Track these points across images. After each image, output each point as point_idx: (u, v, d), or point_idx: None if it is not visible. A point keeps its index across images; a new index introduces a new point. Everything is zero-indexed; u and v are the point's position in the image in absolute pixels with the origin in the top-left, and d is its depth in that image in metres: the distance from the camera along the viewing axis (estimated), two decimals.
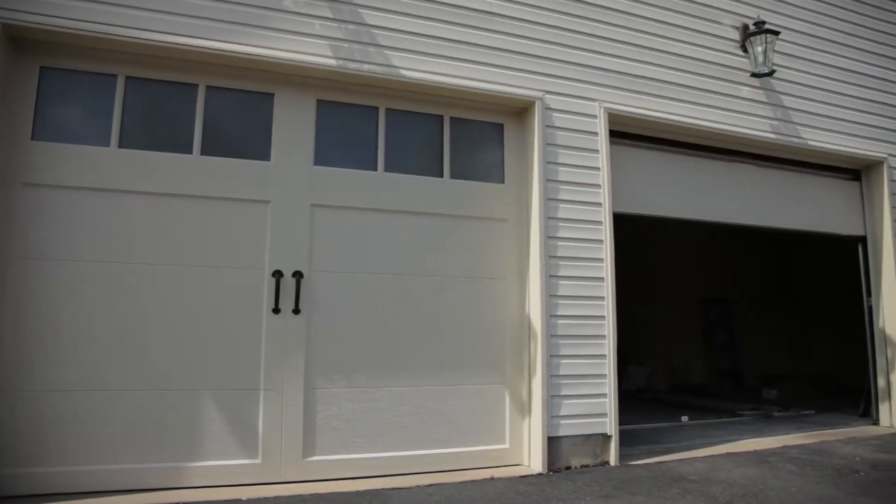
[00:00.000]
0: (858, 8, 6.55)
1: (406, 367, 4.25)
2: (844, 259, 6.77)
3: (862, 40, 6.51)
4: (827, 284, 8.68)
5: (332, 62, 4.07)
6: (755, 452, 4.92)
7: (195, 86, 3.97)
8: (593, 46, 4.93)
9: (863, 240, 6.45)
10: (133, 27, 3.69)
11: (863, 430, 6.01)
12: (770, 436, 5.66)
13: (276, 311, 3.95)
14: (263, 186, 4.03)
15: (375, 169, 4.34)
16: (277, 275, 3.96)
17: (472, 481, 3.99)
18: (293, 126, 4.15)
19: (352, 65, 4.12)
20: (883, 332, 6.25)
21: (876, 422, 6.27)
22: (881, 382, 6.25)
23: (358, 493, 3.70)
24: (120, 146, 3.79)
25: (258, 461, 3.83)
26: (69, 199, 3.67)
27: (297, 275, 4.00)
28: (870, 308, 6.39)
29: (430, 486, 3.87)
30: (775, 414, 7.02)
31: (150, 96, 3.91)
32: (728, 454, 4.86)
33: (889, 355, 6.20)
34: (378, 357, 4.19)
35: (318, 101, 4.24)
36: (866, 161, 6.39)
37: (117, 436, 3.60)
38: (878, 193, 6.41)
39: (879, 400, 6.26)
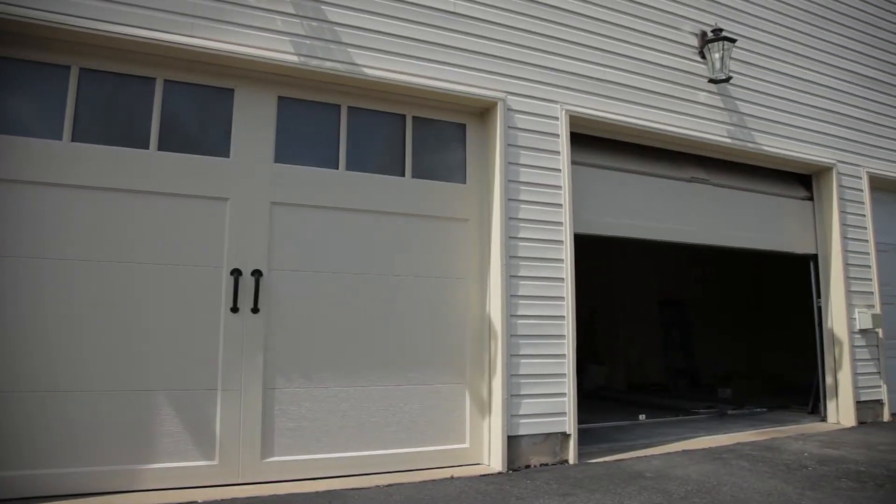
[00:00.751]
0: (811, 20, 6.76)
1: (367, 366, 4.23)
2: (797, 265, 6.97)
3: (814, 50, 6.73)
4: (780, 287, 8.93)
5: (294, 59, 4.03)
6: (710, 449, 5.03)
7: (153, 79, 3.88)
8: (556, 49, 4.98)
9: (814, 257, 6.66)
10: (88, 17, 3.58)
11: (811, 426, 6.20)
12: (724, 433, 5.80)
13: (235, 310, 3.88)
14: (222, 183, 3.96)
15: (337, 167, 4.30)
16: (236, 273, 3.90)
17: (433, 481, 3.99)
18: (254, 122, 4.09)
19: (314, 62, 4.08)
20: (831, 332, 6.47)
21: (824, 418, 6.48)
22: (829, 380, 6.46)
23: (317, 493, 3.67)
24: (73, 139, 3.67)
25: (215, 463, 3.76)
26: (17, 194, 3.54)
27: (257, 273, 3.95)
28: (819, 309, 6.59)
29: (389, 486, 3.86)
30: (729, 412, 7.20)
31: (105, 89, 3.80)
32: (684, 451, 4.96)
33: (836, 355, 6.41)
34: (339, 357, 4.16)
35: (280, 97, 4.19)
36: (818, 166, 6.60)
37: (67, 438, 3.49)
38: (828, 201, 6.61)
39: (827, 397, 6.48)
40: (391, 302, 4.35)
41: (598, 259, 5.29)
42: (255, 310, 3.93)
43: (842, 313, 6.39)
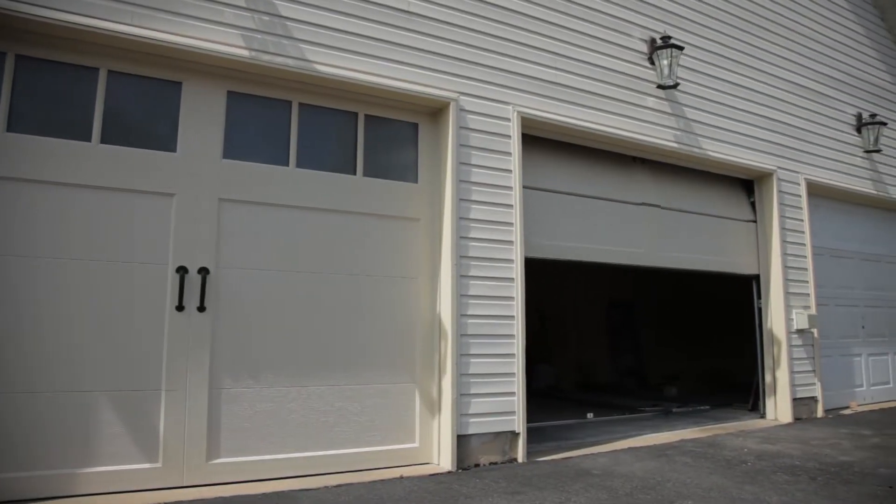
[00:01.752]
0: (753, 30, 7.00)
1: (316, 366, 4.19)
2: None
3: (756, 60, 6.97)
4: (725, 290, 9.18)
5: (245, 53, 3.95)
6: (655, 447, 5.15)
7: (96, 69, 3.75)
8: (509, 51, 5.02)
9: (757, 277, 6.88)
10: (23, 2, 3.42)
11: (751, 423, 6.41)
12: (669, 431, 5.94)
13: (180, 308, 3.79)
14: (168, 178, 3.86)
15: (287, 164, 4.25)
16: (182, 271, 3.81)
17: (382, 481, 3.98)
18: (202, 117, 4.00)
19: (265, 57, 4.01)
20: (770, 332, 6.70)
21: (763, 415, 6.71)
22: (768, 379, 6.69)
23: (265, 495, 3.61)
24: (8, 129, 3.52)
25: (159, 465, 3.66)
26: None
27: (203, 271, 3.86)
28: (759, 310, 6.83)
29: (339, 486, 3.83)
30: (674, 410, 7.38)
31: (44, 78, 3.66)
32: (630, 449, 5.07)
33: (775, 354, 6.65)
34: (288, 356, 4.11)
35: (229, 92, 4.10)
36: (759, 172, 6.83)
37: (0, 442, 3.35)
38: (769, 206, 6.85)
39: (766, 395, 6.71)
40: (341, 301, 4.32)
41: (550, 260, 5.35)
42: (201, 308, 3.84)
43: (780, 314, 6.64)
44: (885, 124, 8.13)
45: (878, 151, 8.11)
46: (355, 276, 4.39)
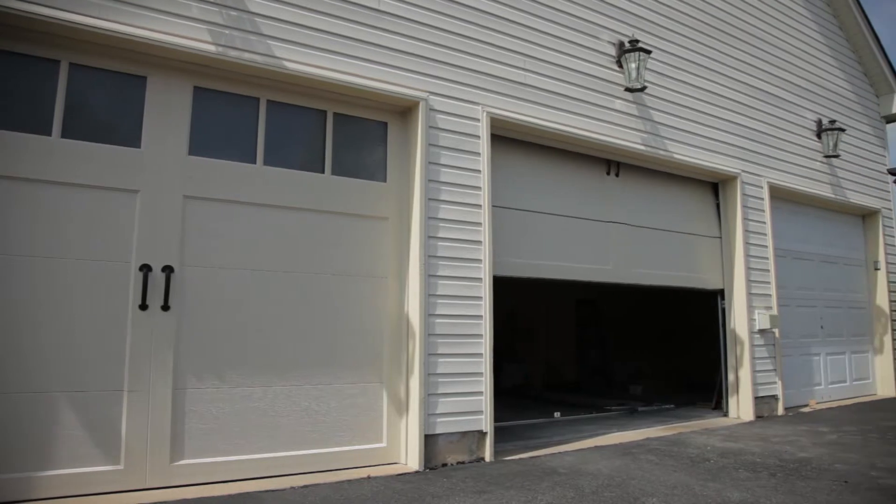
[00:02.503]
0: (719, 36, 7.14)
1: (283, 366, 4.15)
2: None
3: (721, 65, 7.11)
4: (690, 292, 9.34)
5: (212, 48, 3.90)
6: (620, 445, 5.22)
7: (57, 62, 3.65)
8: (479, 52, 5.04)
9: (721, 292, 7.00)
10: None
11: (715, 421, 6.53)
12: (634, 429, 6.02)
13: (144, 307, 3.72)
14: (132, 175, 3.78)
15: (255, 162, 4.20)
16: (146, 269, 3.74)
17: (349, 481, 3.96)
18: (167, 112, 3.93)
19: (232, 52, 3.96)
20: (734, 332, 6.84)
21: (726, 413, 6.84)
22: (731, 378, 6.83)
23: (230, 496, 3.57)
24: None
25: (120, 467, 3.59)
26: None
27: (168, 269, 3.80)
28: (723, 310, 6.96)
29: (305, 486, 3.80)
30: (640, 409, 7.48)
31: (1, 70, 3.56)
32: (596, 447, 5.12)
33: (738, 354, 6.78)
34: (254, 355, 4.06)
35: (196, 87, 4.04)
36: (724, 175, 6.96)
37: None
38: (733, 208, 6.99)
39: (729, 394, 6.84)
40: (308, 300, 4.29)
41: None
42: (165, 307, 3.78)
43: (743, 315, 6.78)
44: (843, 130, 8.37)
45: (836, 156, 8.34)
46: (322, 275, 4.36)
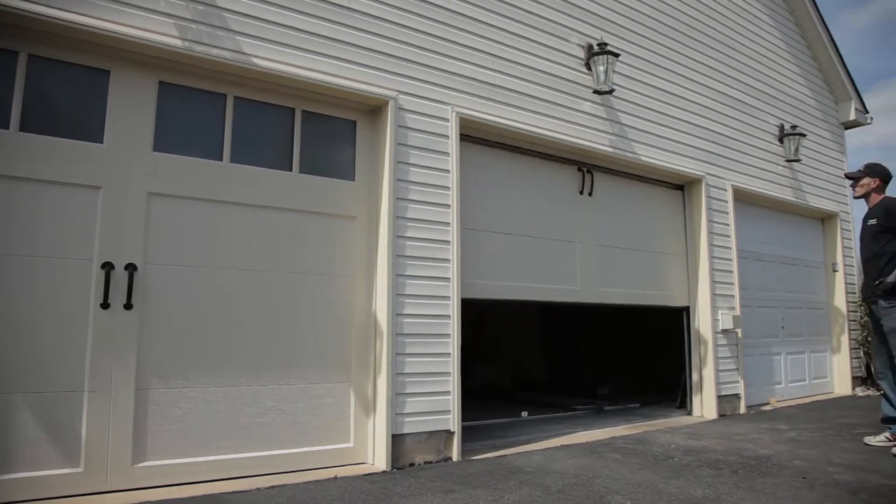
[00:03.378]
0: (685, 41, 7.26)
1: (250, 365, 4.10)
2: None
3: (688, 70, 7.23)
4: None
5: (178, 43, 3.83)
6: (587, 444, 5.27)
7: (15, 53, 3.55)
8: (449, 52, 5.05)
9: (687, 309, 7.10)
10: None
11: (679, 420, 6.64)
12: (600, 428, 6.09)
13: (106, 306, 3.64)
14: (94, 171, 3.70)
15: (221, 159, 4.14)
16: (107, 267, 3.65)
17: (316, 481, 3.93)
18: (131, 108, 3.85)
19: (199, 48, 3.90)
20: (698, 332, 6.96)
21: (690, 412, 6.96)
22: (695, 377, 6.95)
23: (193, 498, 3.52)
24: None
25: (80, 470, 3.50)
26: None
27: (131, 267, 3.72)
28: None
29: (272, 487, 3.76)
30: (606, 408, 7.56)
31: None
32: (562, 446, 5.17)
33: (701, 353, 6.91)
34: (220, 355, 4.00)
35: (161, 83, 3.96)
36: (689, 178, 7.08)
37: None
38: (697, 211, 7.11)
39: (693, 392, 6.96)
40: (275, 299, 4.25)
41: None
42: (128, 306, 3.71)
43: (707, 315, 6.90)
44: (804, 135, 8.59)
45: (797, 161, 8.56)
46: (290, 274, 4.32)
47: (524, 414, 6.93)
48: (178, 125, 4.03)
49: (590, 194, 6.23)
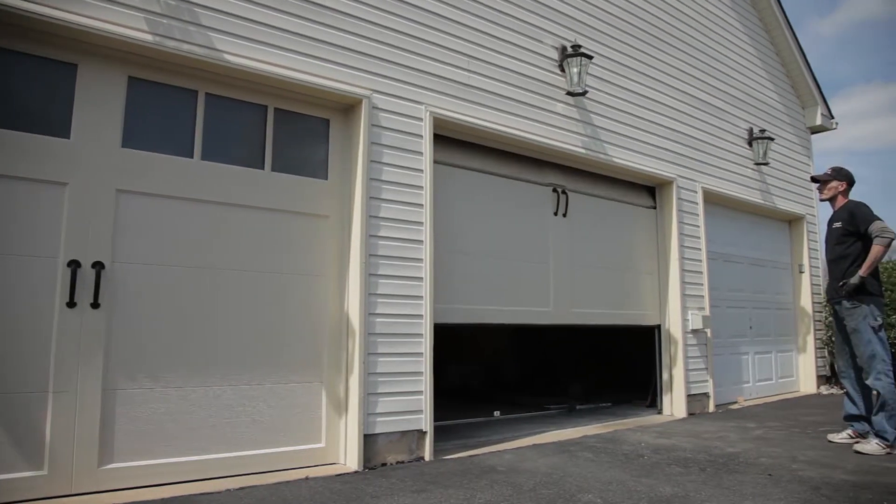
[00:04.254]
0: (657, 44, 7.35)
1: (220, 365, 4.05)
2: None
3: (660, 73, 7.32)
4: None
5: (148, 37, 3.77)
6: (558, 443, 5.30)
7: None
8: (424, 51, 5.04)
9: (658, 327, 7.17)
10: None
11: (649, 419, 6.72)
12: (572, 427, 6.14)
13: (72, 304, 3.57)
14: (60, 166, 3.62)
15: (192, 156, 4.08)
16: (74, 265, 3.58)
17: (287, 482, 3.90)
18: (99, 103, 3.77)
19: (170, 43, 3.84)
20: (668, 332, 7.05)
21: (660, 411, 7.04)
22: (665, 376, 7.03)
23: (162, 500, 3.46)
24: None
25: (44, 473, 3.42)
26: None
27: (98, 265, 3.65)
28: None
29: (241, 489, 3.72)
30: (578, 407, 7.62)
31: None
32: (534, 445, 5.19)
33: (672, 353, 7.00)
34: (190, 355, 3.95)
35: (130, 77, 3.89)
36: (660, 179, 7.17)
37: None
38: (668, 212, 7.20)
39: (663, 392, 7.05)
40: (247, 299, 4.20)
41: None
42: (95, 305, 3.64)
43: (677, 315, 6.99)
44: (772, 139, 8.76)
45: (766, 164, 8.72)
46: (261, 273, 4.28)
47: (496, 413, 6.95)
48: (148, 121, 3.97)
49: (564, 215, 6.27)
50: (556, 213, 6.20)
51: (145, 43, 3.76)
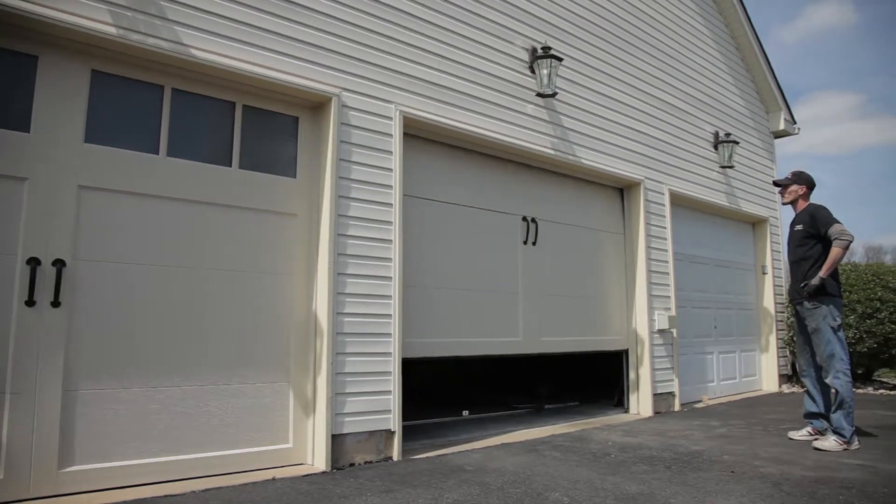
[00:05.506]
0: (627, 48, 7.44)
1: (186, 365, 3.99)
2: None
3: (629, 76, 7.41)
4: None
5: (112, 30, 3.68)
6: (526, 442, 5.33)
7: None
8: (394, 50, 5.03)
9: (626, 351, 7.23)
10: None
11: (616, 417, 6.80)
12: (540, 426, 6.17)
13: (31, 303, 3.47)
14: (20, 161, 3.52)
15: (158, 152, 4.01)
16: (33, 262, 3.49)
17: (253, 483, 3.85)
18: (61, 96, 3.68)
19: (135, 36, 3.76)
20: (635, 332, 7.14)
21: (627, 410, 7.13)
22: (632, 376, 7.12)
23: (124, 503, 3.40)
24: None
25: (0, 476, 3.33)
26: None
27: (59, 263, 3.56)
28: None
29: (206, 490, 3.67)
30: (546, 406, 7.67)
31: None
32: (502, 445, 5.21)
33: (638, 353, 7.09)
34: (155, 355, 3.88)
35: (94, 71, 3.81)
36: (628, 181, 7.26)
37: None
38: (636, 213, 7.29)
39: (630, 391, 7.14)
40: (214, 297, 4.14)
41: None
42: (55, 303, 3.54)
43: (644, 315, 7.09)
44: (737, 143, 8.93)
45: (731, 167, 8.89)
46: (228, 271, 4.22)
47: (465, 413, 6.96)
48: (112, 116, 3.89)
49: (534, 244, 6.29)
50: (525, 242, 6.23)
51: (109, 36, 3.67)
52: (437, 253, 5.41)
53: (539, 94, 6.13)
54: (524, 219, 6.22)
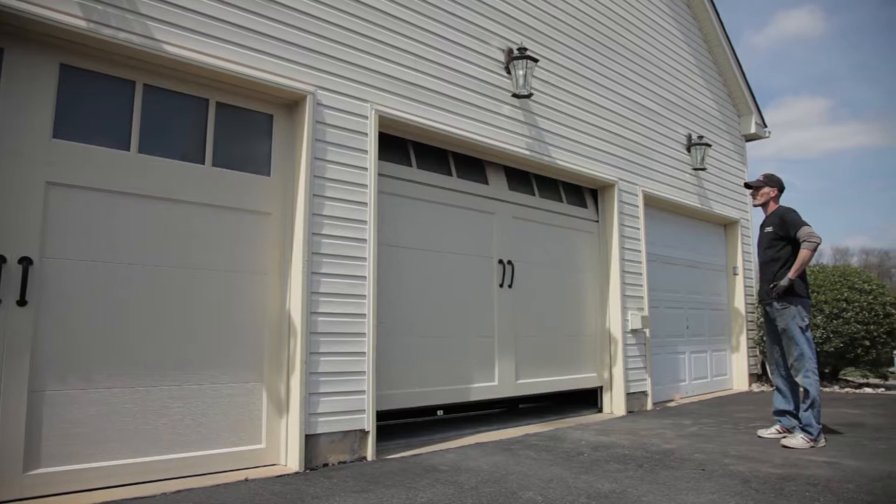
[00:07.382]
0: (602, 49, 7.51)
1: (156, 365, 3.93)
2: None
3: (604, 78, 7.47)
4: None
5: (82, 24, 3.61)
6: (501, 441, 5.35)
7: None
8: (370, 49, 5.01)
9: (600, 388, 7.22)
10: None
11: (590, 417, 6.85)
12: (515, 426, 6.19)
13: None
14: None
15: (129, 149, 3.94)
16: None
17: (225, 484, 3.81)
18: (28, 91, 3.60)
19: (106, 30, 3.69)
20: (608, 332, 7.20)
21: (601, 409, 7.19)
22: (605, 375, 7.18)
23: None
24: None
25: None
26: None
27: (25, 261, 3.49)
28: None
29: (178, 492, 3.62)
30: (521, 406, 7.69)
31: None
32: (477, 444, 5.22)
33: (612, 352, 7.15)
34: (124, 355, 3.81)
35: (63, 65, 3.73)
36: (602, 182, 7.33)
37: None
38: (610, 215, 7.36)
39: (604, 390, 7.20)
40: (185, 296, 4.09)
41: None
42: (21, 302, 3.47)
43: (617, 316, 7.16)
44: (710, 146, 9.06)
45: (703, 170, 9.02)
46: (200, 270, 4.17)
47: (440, 413, 6.95)
48: (82, 112, 3.81)
49: (510, 286, 6.31)
50: (501, 285, 6.24)
51: (78, 29, 3.60)
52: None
53: (515, 95, 6.16)
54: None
